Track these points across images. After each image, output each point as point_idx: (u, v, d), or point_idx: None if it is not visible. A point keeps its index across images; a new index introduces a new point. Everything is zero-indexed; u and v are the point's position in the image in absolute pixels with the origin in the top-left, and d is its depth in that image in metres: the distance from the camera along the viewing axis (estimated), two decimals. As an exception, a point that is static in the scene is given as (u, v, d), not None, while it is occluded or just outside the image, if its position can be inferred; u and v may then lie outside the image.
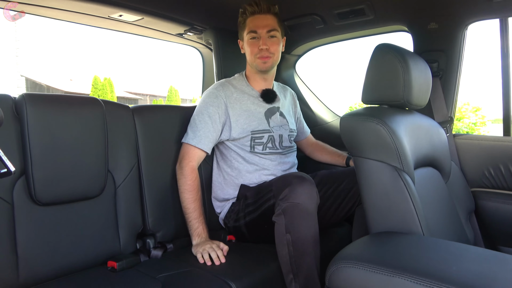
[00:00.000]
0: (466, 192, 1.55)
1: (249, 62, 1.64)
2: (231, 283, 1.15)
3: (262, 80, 1.67)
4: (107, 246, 1.31)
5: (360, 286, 0.84)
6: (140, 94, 33.11)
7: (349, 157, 1.77)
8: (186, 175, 1.48)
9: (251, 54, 1.59)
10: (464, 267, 0.82)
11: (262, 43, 1.55)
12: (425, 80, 1.33)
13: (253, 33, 1.57)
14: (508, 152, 1.54)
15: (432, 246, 0.95)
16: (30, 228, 1.14)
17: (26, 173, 1.14)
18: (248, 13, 1.59)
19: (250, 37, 1.58)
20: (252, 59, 1.60)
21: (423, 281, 0.76)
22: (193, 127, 1.55)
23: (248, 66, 1.67)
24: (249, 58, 1.61)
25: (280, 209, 1.26)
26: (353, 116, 1.21)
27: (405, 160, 1.12)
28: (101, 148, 1.30)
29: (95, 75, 26.75)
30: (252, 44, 1.58)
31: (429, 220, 1.12)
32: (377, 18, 1.78)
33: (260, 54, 1.57)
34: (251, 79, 1.69)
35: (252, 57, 1.59)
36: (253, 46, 1.58)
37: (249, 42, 1.59)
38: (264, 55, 1.57)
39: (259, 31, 1.56)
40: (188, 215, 1.46)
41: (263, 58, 1.57)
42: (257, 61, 1.58)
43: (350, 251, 0.94)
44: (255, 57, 1.58)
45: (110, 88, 25.55)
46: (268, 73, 1.66)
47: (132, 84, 43.22)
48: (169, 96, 30.39)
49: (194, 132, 1.53)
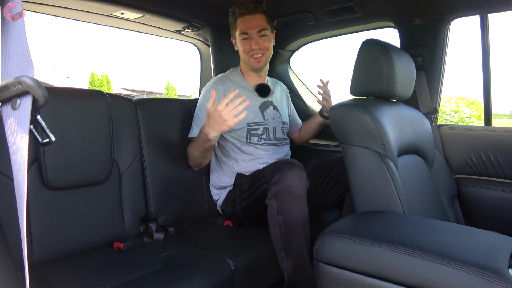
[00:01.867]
0: (449, 178, 1.65)
1: (243, 59, 1.75)
2: (229, 260, 1.25)
3: (257, 76, 1.78)
4: (113, 229, 1.40)
5: (343, 255, 0.94)
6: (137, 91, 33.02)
7: (320, 111, 1.89)
8: (190, 160, 1.62)
9: (244, 52, 1.70)
10: (434, 238, 0.92)
11: (254, 43, 1.66)
12: (408, 73, 1.42)
13: (244, 34, 1.67)
14: (489, 140, 1.64)
15: (408, 222, 1.05)
16: (42, 211, 1.23)
17: (39, 160, 1.23)
18: (237, 14, 1.68)
19: (242, 38, 1.69)
20: (246, 57, 1.70)
21: (397, 248, 0.86)
22: (198, 122, 1.65)
23: (242, 63, 1.78)
24: (243, 56, 1.72)
25: (272, 192, 1.35)
26: (342, 106, 1.31)
27: (388, 147, 1.21)
28: (106, 137, 1.40)
29: (92, 72, 26.71)
30: (244, 44, 1.69)
31: (411, 202, 1.22)
32: (366, 15, 1.88)
33: (252, 52, 1.68)
34: (245, 74, 1.79)
35: (246, 56, 1.70)
36: (245, 45, 1.69)
37: (242, 42, 1.69)
38: (256, 53, 1.68)
39: (250, 32, 1.66)
40: (199, 149, 1.51)
41: (256, 57, 1.68)
42: (251, 60, 1.69)
43: (335, 226, 1.04)
44: (248, 55, 1.69)
45: (108, 85, 25.52)
46: (262, 70, 1.76)
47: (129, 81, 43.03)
48: (166, 93, 30.38)
49: (198, 126, 1.62)
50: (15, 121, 0.44)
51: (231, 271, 1.22)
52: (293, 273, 1.32)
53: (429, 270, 0.81)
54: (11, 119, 0.44)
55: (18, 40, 0.44)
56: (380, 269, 0.88)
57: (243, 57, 1.72)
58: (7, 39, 0.45)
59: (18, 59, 0.44)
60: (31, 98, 0.43)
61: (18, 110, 0.44)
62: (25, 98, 0.44)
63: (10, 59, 0.44)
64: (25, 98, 0.44)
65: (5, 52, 0.45)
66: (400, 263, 0.85)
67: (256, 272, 1.33)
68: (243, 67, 1.79)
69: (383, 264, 0.87)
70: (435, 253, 0.83)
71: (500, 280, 0.74)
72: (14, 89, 0.43)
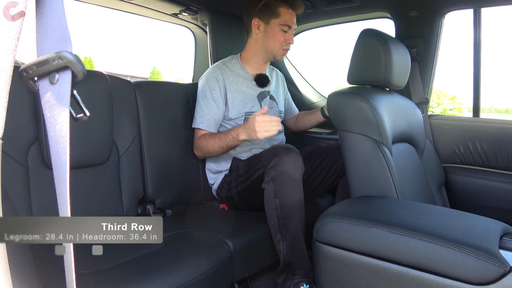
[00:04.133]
0: (438, 167, 1.71)
1: (269, 49, 1.72)
2: (228, 241, 1.28)
3: (262, 64, 1.79)
4: (112, 209, 1.42)
5: (343, 236, 0.98)
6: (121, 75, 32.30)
7: (322, 108, 1.90)
8: (202, 151, 1.65)
9: (278, 43, 1.69)
10: (429, 220, 0.97)
11: (291, 39, 1.70)
12: (404, 63, 1.46)
13: (286, 26, 1.68)
14: (476, 131, 1.70)
15: (405, 205, 1.11)
16: (43, 190, 1.24)
17: (40, 139, 1.23)
18: (288, 2, 1.67)
19: (282, 28, 1.68)
20: (276, 48, 1.71)
21: (395, 230, 0.91)
22: (200, 112, 1.66)
23: (259, 50, 1.74)
24: (273, 46, 1.70)
25: (269, 176, 1.39)
26: (339, 94, 1.34)
27: (384, 134, 1.26)
28: (106, 119, 1.40)
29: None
30: (282, 35, 1.69)
31: (403, 188, 1.28)
32: (363, 4, 1.91)
33: (286, 47, 1.71)
34: (247, 62, 1.78)
35: (278, 47, 1.70)
36: (282, 37, 1.69)
37: (279, 32, 1.68)
38: (288, 48, 1.72)
39: (293, 27, 1.69)
40: (223, 146, 1.57)
41: (286, 51, 1.72)
42: (280, 52, 1.71)
43: (334, 209, 1.09)
44: (280, 47, 1.70)
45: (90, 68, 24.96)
46: None
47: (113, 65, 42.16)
48: (152, 77, 29.88)
49: (202, 116, 1.64)
50: (53, 95, 0.45)
51: (231, 251, 1.26)
52: (289, 255, 1.36)
53: (425, 250, 0.86)
54: (49, 93, 0.45)
55: (56, 16, 0.45)
56: (378, 249, 0.93)
57: (272, 47, 1.71)
58: (43, 14, 0.46)
59: (56, 34, 0.45)
60: (70, 73, 0.45)
61: (56, 85, 0.45)
62: (64, 73, 0.45)
63: (47, 34, 0.45)
64: (64, 73, 0.45)
65: (42, 27, 0.46)
66: (397, 244, 0.90)
67: (253, 254, 1.37)
68: (251, 54, 1.77)
69: (381, 244, 0.92)
70: (431, 234, 0.88)
71: (492, 259, 0.79)
72: (54, 64, 0.44)
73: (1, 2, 0.44)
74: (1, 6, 0.44)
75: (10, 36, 0.43)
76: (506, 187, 1.61)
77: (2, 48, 0.43)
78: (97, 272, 1.04)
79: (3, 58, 0.42)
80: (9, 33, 0.43)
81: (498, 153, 1.64)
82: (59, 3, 0.45)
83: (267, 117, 1.44)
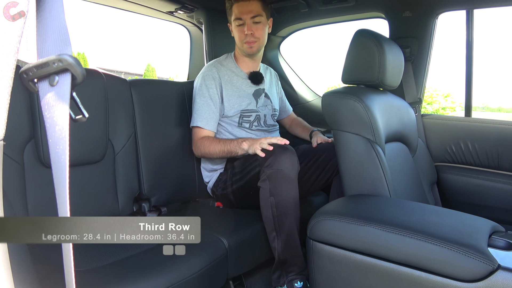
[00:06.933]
0: (430, 165, 1.74)
1: (237, 45, 1.78)
2: (223, 239, 1.30)
3: (251, 61, 1.81)
4: (108, 207, 1.42)
5: (336, 234, 1.00)
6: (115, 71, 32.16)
7: (311, 132, 1.92)
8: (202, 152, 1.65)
9: (238, 39, 1.73)
10: (420, 218, 0.99)
11: (247, 29, 1.69)
12: (398, 63, 1.48)
13: (238, 20, 1.70)
14: (468, 130, 1.73)
15: (397, 204, 1.12)
16: (38, 188, 1.24)
17: (35, 137, 1.23)
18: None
19: (236, 23, 1.71)
20: (240, 43, 1.74)
21: (387, 228, 0.93)
22: (198, 111, 1.67)
23: (237, 49, 1.81)
24: (238, 42, 1.75)
25: (265, 175, 1.40)
26: (334, 93, 1.36)
27: (378, 134, 1.28)
28: (102, 117, 1.41)
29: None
30: (239, 30, 1.71)
31: (396, 186, 1.30)
32: (358, 5, 1.92)
33: (246, 39, 1.71)
34: (239, 60, 1.81)
35: (240, 42, 1.73)
36: (239, 32, 1.71)
37: (236, 28, 1.72)
38: (249, 40, 1.71)
39: (244, 17, 1.69)
40: (224, 150, 1.59)
41: (249, 43, 1.71)
42: (244, 46, 1.73)
43: (328, 207, 1.10)
44: (242, 42, 1.72)
45: (84, 64, 24.75)
46: (256, 55, 1.79)
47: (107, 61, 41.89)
48: (146, 74, 29.71)
49: (200, 115, 1.66)
50: (53, 96, 0.46)
51: (225, 249, 1.27)
52: (283, 252, 1.38)
53: (416, 247, 0.88)
54: (49, 94, 0.46)
55: (56, 19, 0.46)
56: (370, 247, 0.95)
57: (238, 43, 1.75)
58: (44, 16, 0.47)
59: (56, 37, 0.46)
60: (70, 75, 0.46)
61: (56, 87, 0.46)
62: (64, 76, 0.46)
63: (47, 37, 0.46)
64: (64, 75, 0.46)
65: (42, 30, 0.47)
66: (389, 241, 0.92)
67: (248, 251, 1.39)
68: (238, 53, 1.82)
69: (373, 242, 0.94)
70: (421, 232, 0.90)
71: (481, 256, 0.81)
72: (54, 66, 0.45)
73: (1, 2, 0.44)
74: (1, 6, 0.44)
75: (11, 37, 0.44)
76: (497, 186, 1.64)
77: (3, 50, 0.43)
78: (93, 270, 1.05)
79: (4, 61, 0.43)
80: (10, 34, 0.44)
81: (489, 152, 1.67)
82: (59, 6, 0.46)
83: (275, 139, 1.47)
